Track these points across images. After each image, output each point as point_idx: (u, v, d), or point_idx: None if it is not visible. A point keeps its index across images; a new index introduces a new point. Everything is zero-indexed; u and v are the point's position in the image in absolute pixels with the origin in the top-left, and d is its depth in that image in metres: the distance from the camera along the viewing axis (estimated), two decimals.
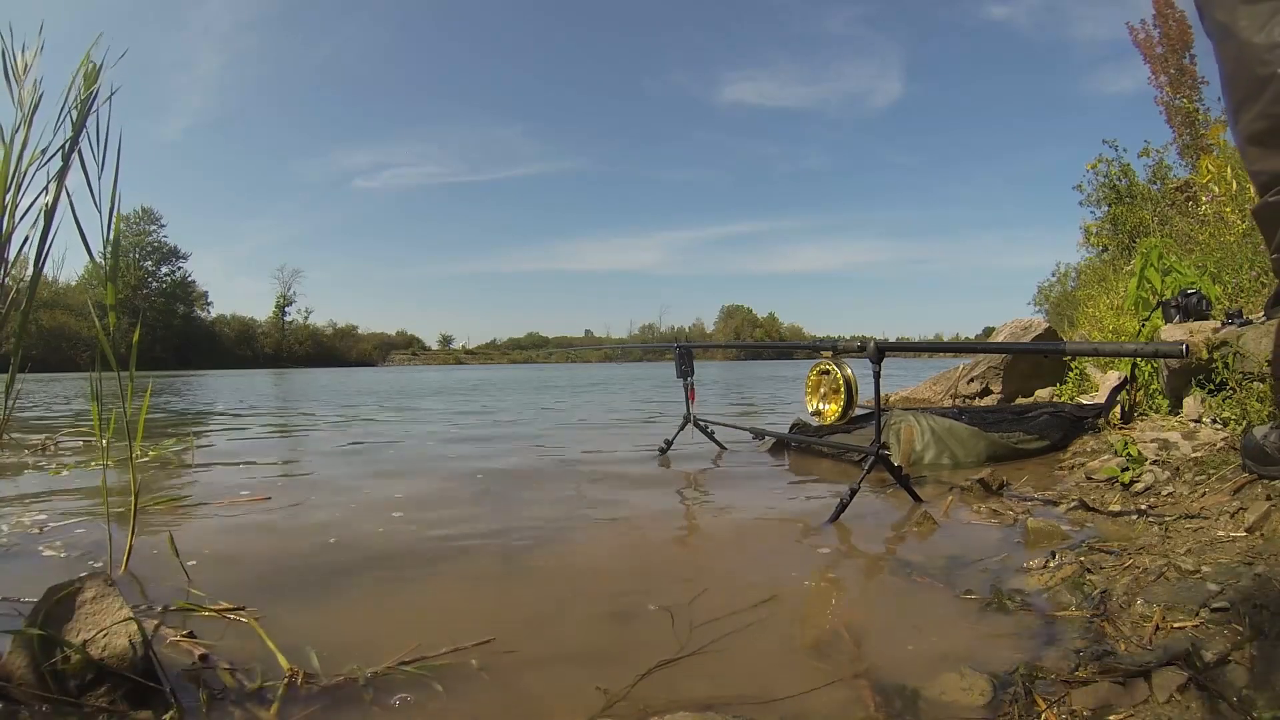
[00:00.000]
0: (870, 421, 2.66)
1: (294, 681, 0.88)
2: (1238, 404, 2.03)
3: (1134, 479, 1.80)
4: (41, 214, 1.05)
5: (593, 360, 47.00)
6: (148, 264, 53.85)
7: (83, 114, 1.09)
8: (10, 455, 2.99)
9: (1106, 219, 9.01)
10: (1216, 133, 4.98)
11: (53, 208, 1.06)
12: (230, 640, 1.02)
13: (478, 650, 0.98)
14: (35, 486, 2.25)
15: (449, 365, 55.33)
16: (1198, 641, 0.87)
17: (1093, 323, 5.94)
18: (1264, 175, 1.16)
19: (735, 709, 0.81)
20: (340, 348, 62.37)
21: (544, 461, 2.88)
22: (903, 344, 1.98)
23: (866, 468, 1.77)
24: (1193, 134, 9.01)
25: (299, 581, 1.31)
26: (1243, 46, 1.11)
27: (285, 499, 2.06)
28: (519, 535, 1.68)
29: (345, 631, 1.08)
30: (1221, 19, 1.15)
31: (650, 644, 1.00)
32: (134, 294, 50.33)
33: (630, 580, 1.33)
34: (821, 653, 0.98)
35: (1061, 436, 2.61)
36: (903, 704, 0.82)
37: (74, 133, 1.08)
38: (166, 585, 1.24)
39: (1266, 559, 1.08)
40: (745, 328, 68.97)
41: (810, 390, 2.12)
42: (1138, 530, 1.45)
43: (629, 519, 1.83)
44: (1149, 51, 10.55)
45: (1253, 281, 3.52)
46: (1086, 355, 3.30)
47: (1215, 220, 4.72)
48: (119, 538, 1.37)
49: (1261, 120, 1.11)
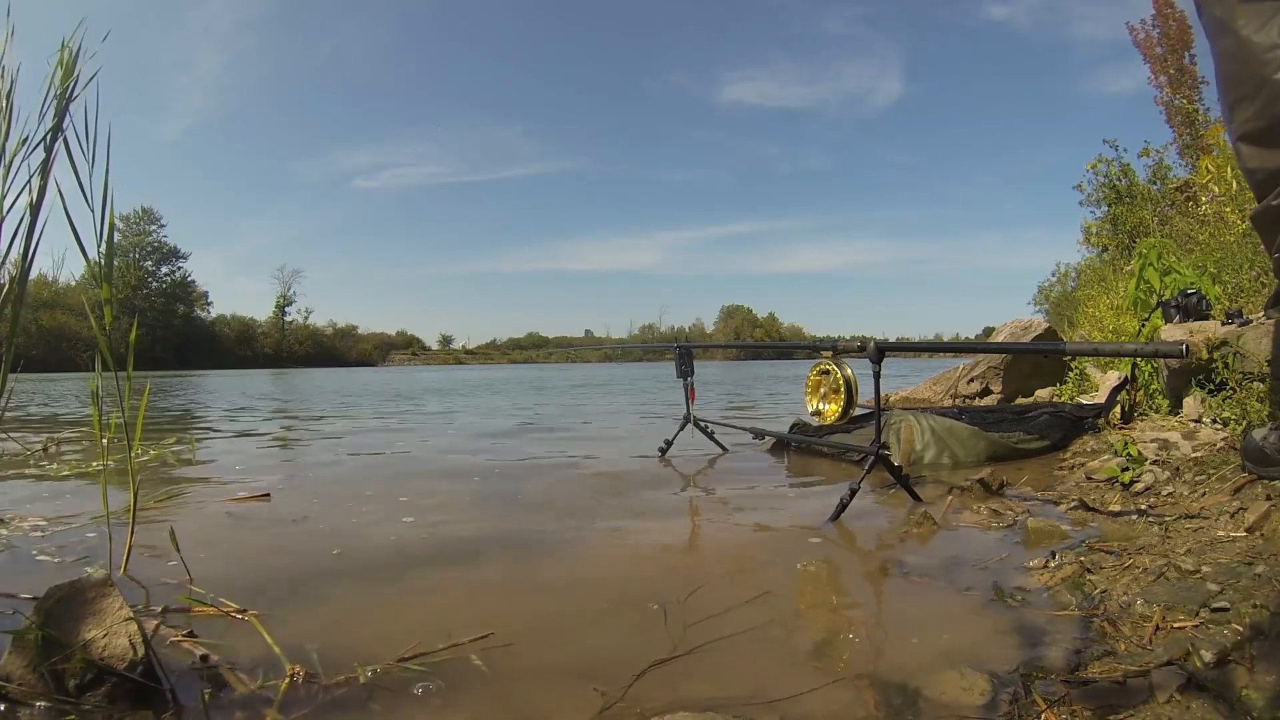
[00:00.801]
0: (870, 421, 2.66)
1: (295, 681, 0.88)
2: (1238, 404, 2.03)
3: (1134, 479, 1.80)
4: (27, 209, 1.04)
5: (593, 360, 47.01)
6: (148, 264, 53.93)
7: (63, 103, 1.08)
8: (12, 455, 3.00)
9: (1106, 219, 9.01)
10: (1216, 133, 4.98)
11: (38, 201, 1.05)
12: (231, 640, 1.01)
13: (477, 646, 0.98)
14: (35, 486, 2.25)
15: (449, 365, 55.34)
16: (1198, 641, 0.87)
17: (1093, 323, 5.94)
18: (1260, 174, 1.16)
19: (735, 709, 0.81)
20: (340, 348, 62.37)
21: (543, 462, 2.88)
22: (903, 344, 1.98)
23: (866, 468, 1.77)
24: (1193, 134, 9.00)
25: (299, 581, 1.31)
26: (1241, 44, 1.11)
27: (285, 499, 2.06)
28: (518, 535, 1.68)
29: (346, 631, 1.08)
30: (1219, 15, 1.15)
31: (648, 643, 1.00)
32: (134, 294, 50.34)
33: (629, 580, 1.33)
34: (821, 652, 0.98)
35: (1061, 436, 2.61)
36: (903, 703, 0.82)
37: (56, 119, 1.07)
38: (166, 585, 1.24)
39: (1266, 559, 1.08)
40: (745, 328, 68.96)
41: (810, 390, 2.12)
42: (1138, 530, 1.45)
43: (629, 519, 1.83)
44: (1149, 51, 10.55)
45: (1253, 281, 3.51)
46: (1086, 355, 3.30)
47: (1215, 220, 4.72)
48: (119, 538, 1.37)
49: (1259, 120, 1.11)
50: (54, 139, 1.08)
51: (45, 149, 1.08)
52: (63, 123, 1.09)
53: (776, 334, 67.50)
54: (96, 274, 1.16)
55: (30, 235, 1.05)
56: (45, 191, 1.06)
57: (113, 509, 1.35)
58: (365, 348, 64.55)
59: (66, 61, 1.10)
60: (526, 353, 65.31)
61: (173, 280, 55.16)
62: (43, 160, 1.07)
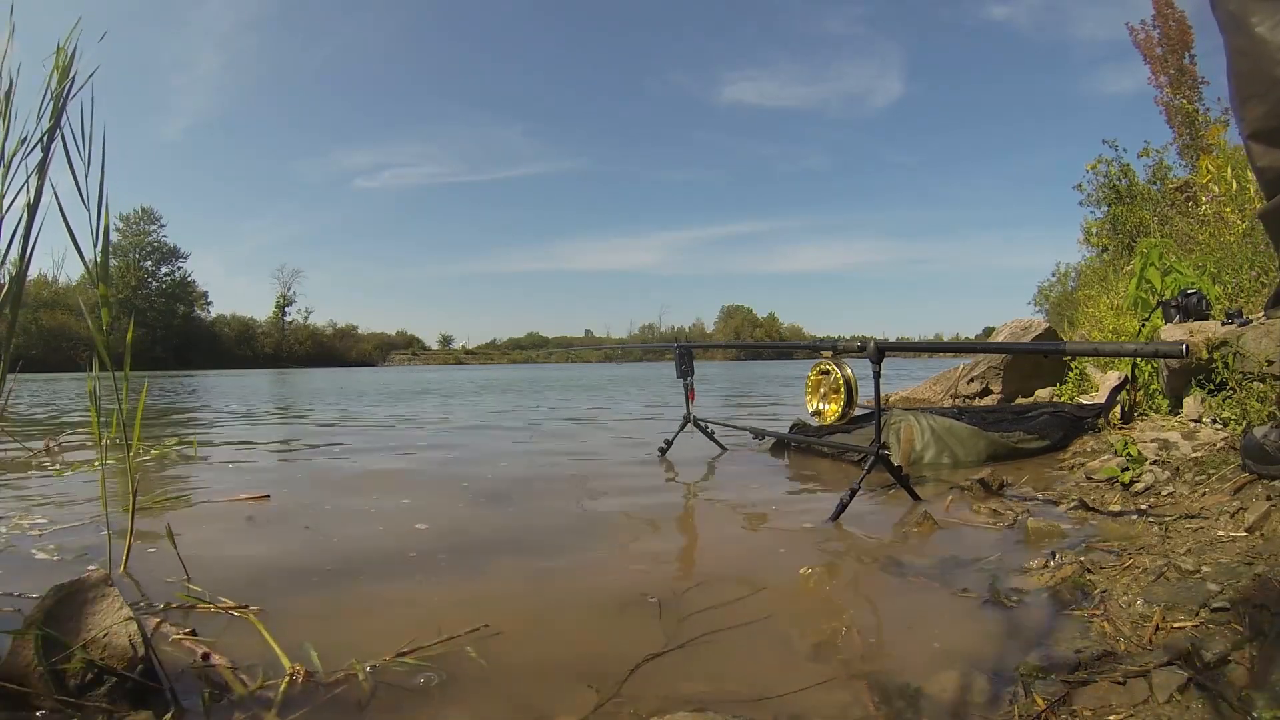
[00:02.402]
0: (870, 421, 2.66)
1: (295, 679, 0.88)
2: (1238, 404, 2.03)
3: (1134, 479, 1.80)
4: (25, 209, 1.04)
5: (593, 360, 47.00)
6: (147, 264, 53.92)
7: (59, 104, 1.08)
8: (12, 455, 3.00)
9: (1106, 219, 9.01)
10: (1216, 133, 4.99)
11: (35, 202, 1.05)
12: (230, 639, 1.01)
13: (474, 640, 0.98)
14: (35, 487, 2.25)
15: (449, 365, 55.33)
16: (1198, 641, 0.87)
17: (1093, 323, 5.94)
18: (1270, 172, 1.16)
19: (734, 708, 0.81)
20: (340, 348, 62.36)
21: (543, 462, 2.88)
22: (903, 344, 1.98)
23: (866, 468, 1.77)
24: (1193, 134, 9.00)
25: (298, 580, 1.31)
26: (1254, 41, 1.10)
27: (285, 498, 2.06)
28: (516, 533, 1.68)
29: (345, 628, 1.08)
30: (1234, 9, 1.14)
31: (646, 642, 1.00)
32: (134, 294, 50.34)
33: (629, 579, 1.33)
34: (821, 652, 0.98)
35: (1061, 436, 2.61)
36: (902, 703, 0.82)
37: (52, 120, 1.07)
38: (166, 584, 1.24)
39: (1266, 559, 1.08)
40: (745, 328, 68.96)
41: (810, 390, 2.12)
42: (1138, 530, 1.45)
43: (628, 518, 1.83)
44: (1149, 52, 10.55)
45: (1253, 281, 3.52)
46: (1086, 355, 3.30)
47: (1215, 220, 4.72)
48: (118, 537, 1.37)
49: (1270, 118, 1.11)
50: (50, 139, 1.08)
51: (42, 149, 1.08)
52: (59, 123, 1.09)
53: (776, 334, 67.52)
54: (93, 274, 1.16)
55: (28, 235, 1.05)
56: (42, 192, 1.06)
57: (112, 509, 1.34)
58: (365, 348, 64.54)
59: (62, 65, 1.10)
60: (526, 353, 65.31)
61: (173, 280, 55.21)
62: (40, 160, 1.07)
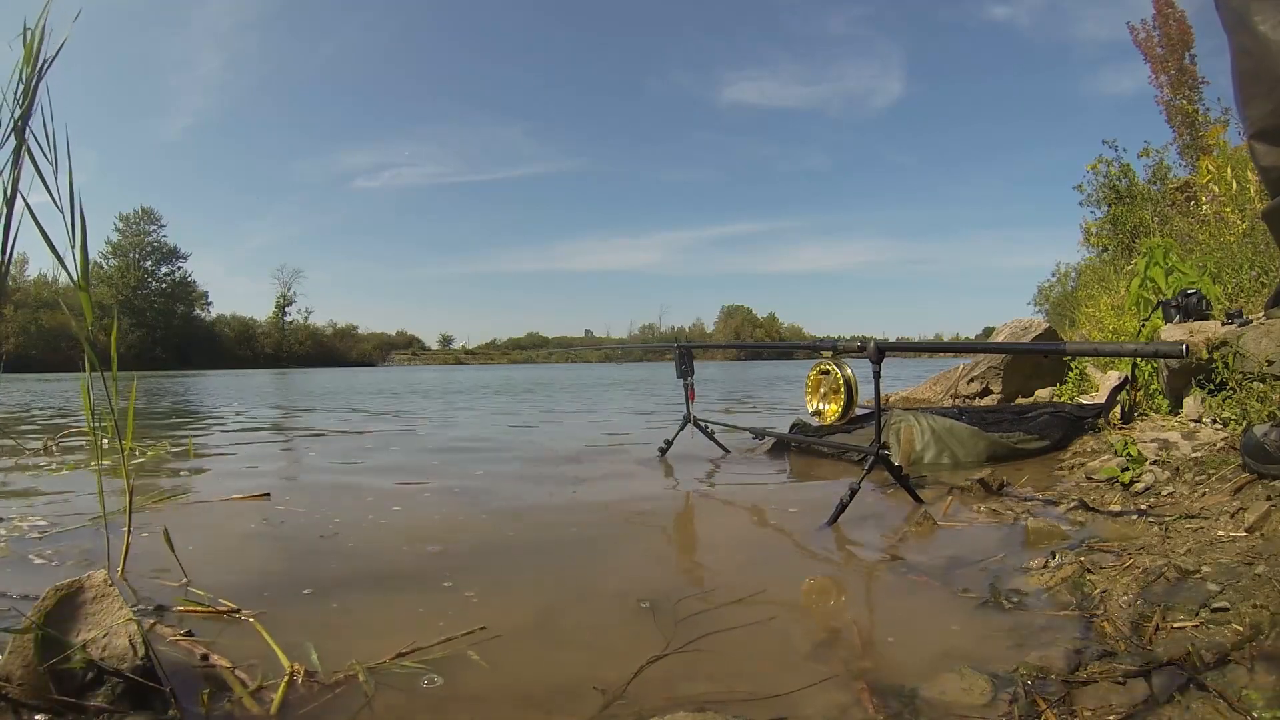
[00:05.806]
0: (870, 421, 2.66)
1: (295, 680, 0.88)
2: (1238, 404, 2.03)
3: (1134, 479, 1.80)
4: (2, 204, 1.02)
5: (592, 360, 46.98)
6: (147, 264, 53.90)
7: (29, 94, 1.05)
8: (12, 455, 3.00)
9: (1106, 219, 9.02)
10: (1216, 133, 4.99)
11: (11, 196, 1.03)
12: (230, 639, 1.01)
13: (474, 643, 0.98)
14: (34, 486, 2.25)
15: (449, 365, 55.32)
16: (1198, 641, 0.87)
17: (1093, 323, 5.94)
18: (1274, 171, 1.16)
19: (733, 708, 0.81)
20: (340, 348, 62.35)
21: (543, 463, 2.88)
22: (903, 344, 1.98)
23: (866, 468, 1.77)
24: (1193, 134, 9.02)
25: (298, 580, 1.31)
26: (1257, 40, 1.10)
27: (284, 498, 2.06)
28: (516, 535, 1.68)
29: (345, 629, 1.08)
30: (1236, 7, 1.14)
31: (645, 642, 1.00)
32: (134, 294, 50.34)
33: (628, 579, 1.33)
34: (820, 653, 0.98)
35: (1061, 436, 2.61)
36: (901, 704, 0.82)
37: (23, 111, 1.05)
38: (165, 585, 1.24)
39: (1266, 559, 1.08)
40: (745, 328, 68.96)
41: (810, 390, 2.12)
42: (1138, 530, 1.45)
43: (628, 520, 1.83)
44: (1149, 51, 10.56)
45: (1253, 281, 3.52)
46: (1086, 355, 3.30)
47: (1215, 220, 4.73)
48: (117, 538, 1.37)
49: (1274, 117, 1.11)
50: (23, 126, 1.05)
51: (16, 136, 1.05)
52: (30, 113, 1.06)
53: (776, 334, 67.50)
54: (71, 275, 1.13)
55: (6, 232, 1.03)
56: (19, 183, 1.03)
57: (111, 509, 1.34)
58: (365, 348, 64.54)
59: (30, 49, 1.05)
60: (526, 353, 65.32)
61: (173, 280, 55.16)
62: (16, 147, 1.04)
